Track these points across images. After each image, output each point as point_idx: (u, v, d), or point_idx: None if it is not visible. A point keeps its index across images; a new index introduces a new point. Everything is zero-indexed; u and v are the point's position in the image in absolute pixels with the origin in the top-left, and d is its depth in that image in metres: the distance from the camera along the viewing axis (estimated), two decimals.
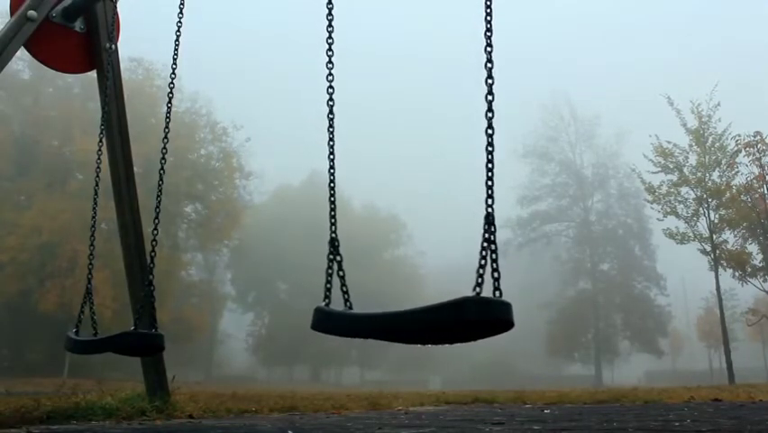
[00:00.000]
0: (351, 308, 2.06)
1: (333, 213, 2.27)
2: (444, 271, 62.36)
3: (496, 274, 1.72)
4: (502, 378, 40.57)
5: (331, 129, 2.38)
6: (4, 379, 20.37)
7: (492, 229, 1.75)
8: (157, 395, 4.21)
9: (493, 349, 48.76)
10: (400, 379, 46.61)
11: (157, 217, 3.41)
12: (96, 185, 3.91)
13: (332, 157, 2.35)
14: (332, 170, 2.34)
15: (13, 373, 26.27)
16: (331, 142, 2.36)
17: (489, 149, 1.87)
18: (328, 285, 2.12)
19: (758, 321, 27.07)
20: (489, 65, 1.91)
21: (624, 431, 2.85)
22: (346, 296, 2.10)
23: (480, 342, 1.89)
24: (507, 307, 1.66)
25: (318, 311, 2.07)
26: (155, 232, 3.34)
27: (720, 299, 22.95)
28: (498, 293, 1.70)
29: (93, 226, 3.75)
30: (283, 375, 56.12)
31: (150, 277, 3.41)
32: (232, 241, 42.13)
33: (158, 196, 3.45)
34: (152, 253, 3.39)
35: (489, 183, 1.84)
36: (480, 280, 1.69)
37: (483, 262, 1.70)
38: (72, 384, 5.61)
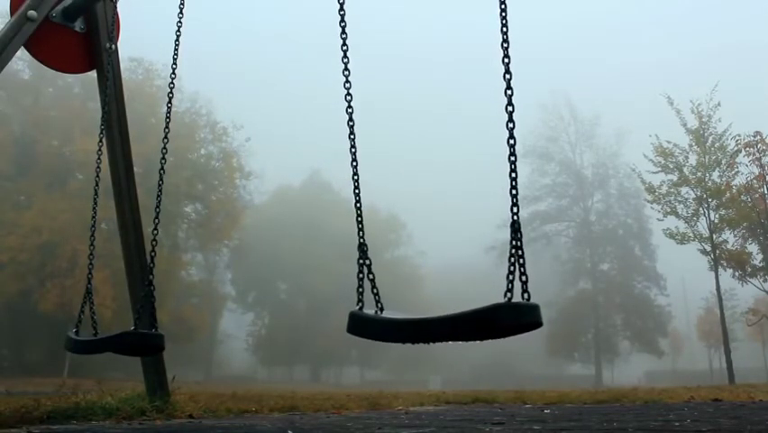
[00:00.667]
0: (382, 309, 2.12)
1: (359, 219, 2.33)
2: (445, 272, 62.44)
3: (524, 278, 1.81)
4: (502, 378, 40.59)
5: (352, 136, 2.39)
6: (4, 379, 20.39)
7: (519, 236, 1.84)
8: (157, 395, 4.21)
9: (493, 349, 48.77)
10: (400, 379, 46.61)
11: (157, 217, 3.41)
12: (96, 185, 3.91)
13: (355, 164, 2.37)
14: (356, 177, 2.37)
15: (13, 373, 26.31)
16: (353, 149, 2.37)
17: (512, 159, 1.95)
18: (360, 289, 2.17)
19: (758, 321, 27.07)
20: (507, 75, 1.98)
21: (624, 431, 2.85)
22: (377, 298, 2.15)
23: (480, 342, 1.93)
24: (536, 309, 1.79)
25: (353, 316, 2.13)
26: (155, 232, 3.35)
27: (720, 299, 22.95)
28: (526, 296, 1.81)
29: (93, 226, 3.75)
30: (283, 375, 56.13)
31: (150, 277, 3.41)
32: (232, 241, 42.13)
33: (158, 196, 3.45)
34: (152, 253, 3.39)
35: (514, 192, 1.92)
36: (510, 285, 1.79)
37: (512, 268, 1.80)
38: (72, 384, 5.61)
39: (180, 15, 3.67)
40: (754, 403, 5.72)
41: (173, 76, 3.65)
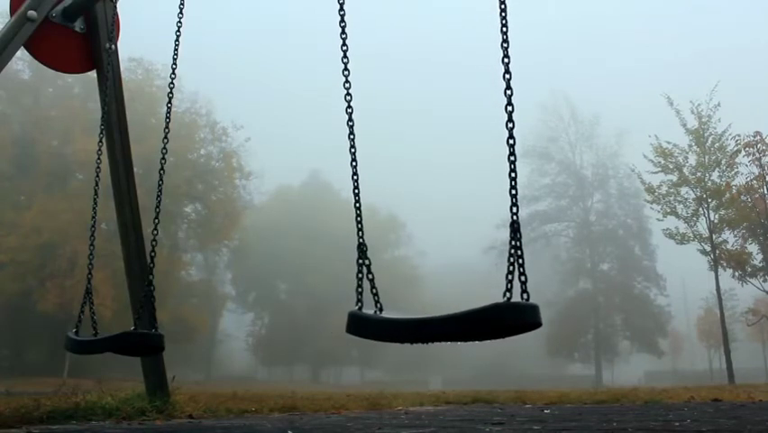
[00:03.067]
0: (381, 309, 2.11)
1: (359, 219, 2.33)
2: (444, 272, 62.41)
3: (523, 278, 1.80)
4: (502, 378, 40.60)
5: (352, 136, 2.39)
6: (4, 379, 20.40)
7: (518, 236, 1.84)
8: (157, 395, 4.21)
9: (493, 349, 48.76)
10: (400, 379, 46.61)
11: (157, 217, 3.41)
12: (96, 185, 3.91)
13: (354, 164, 2.37)
14: (355, 177, 2.36)
15: (13, 373, 26.32)
16: (353, 149, 2.37)
17: (512, 159, 1.94)
18: (359, 289, 2.16)
19: (758, 321, 27.10)
20: (507, 75, 1.98)
21: (624, 431, 2.85)
22: (376, 298, 2.15)
23: (480, 342, 1.93)
24: (535, 309, 1.78)
25: (352, 316, 2.13)
26: (155, 232, 3.35)
27: (720, 300, 22.95)
28: (525, 296, 1.80)
29: (93, 226, 3.75)
30: (283, 375, 56.10)
31: (150, 277, 3.41)
32: (232, 241, 42.13)
33: (158, 196, 3.45)
34: (152, 253, 3.39)
35: (513, 192, 1.91)
36: (509, 285, 1.79)
37: (512, 268, 1.80)
38: (72, 384, 5.61)
39: (180, 15, 3.68)
40: (754, 403, 5.72)
41: (173, 76, 3.65)
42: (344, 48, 2.46)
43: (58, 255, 29.09)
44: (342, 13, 2.48)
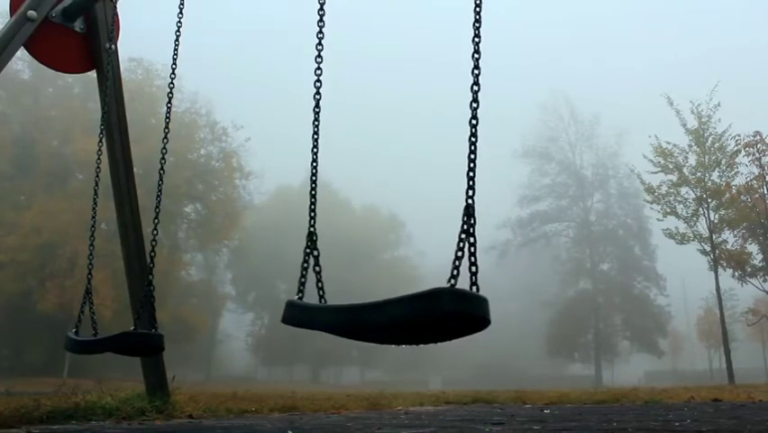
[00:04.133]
0: (325, 303, 2.00)
1: (312, 207, 2.25)
2: (445, 272, 62.12)
3: (474, 268, 1.65)
4: (502, 378, 40.57)
5: (316, 123, 2.37)
6: (4, 379, 20.39)
7: (472, 221, 1.70)
8: (157, 395, 4.21)
9: (493, 349, 48.79)
10: (400, 379, 46.61)
11: (157, 217, 3.41)
12: (96, 185, 3.91)
13: (315, 150, 2.35)
14: (314, 164, 2.33)
15: (13, 373, 26.30)
16: (315, 136, 2.35)
17: (473, 139, 1.84)
18: (303, 279, 2.09)
19: (758, 321, 27.09)
20: (476, 55, 1.88)
21: (624, 431, 2.85)
22: (321, 292, 2.06)
23: (480, 342, 1.89)
24: (483, 302, 1.59)
25: (289, 305, 2.02)
26: (155, 232, 3.35)
27: (720, 300, 22.94)
28: (474, 288, 1.62)
29: (93, 226, 3.75)
30: (283, 375, 56.10)
31: (150, 277, 3.41)
32: (232, 241, 42.12)
33: (158, 196, 3.45)
34: (152, 253, 3.40)
35: (471, 174, 1.80)
36: (455, 271, 1.63)
37: (460, 253, 1.65)
38: (72, 384, 5.61)
39: (180, 15, 3.68)
40: (754, 403, 5.73)
41: (173, 76, 3.66)
42: (320, 35, 2.43)
43: (58, 255, 29.09)
44: (321, 13, 2.46)
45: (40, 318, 29.30)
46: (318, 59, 2.40)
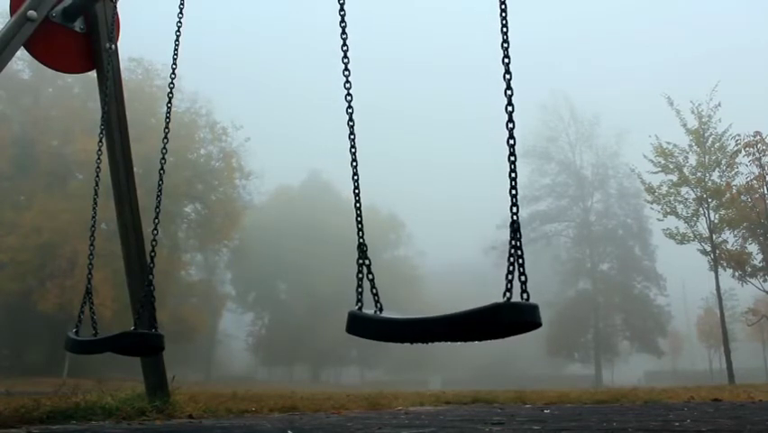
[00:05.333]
0: (381, 309, 2.12)
1: (359, 219, 2.33)
2: (445, 272, 62.40)
3: (523, 278, 1.81)
4: (502, 378, 40.57)
5: (352, 136, 2.39)
6: (4, 379, 20.37)
7: (518, 236, 1.84)
8: (157, 395, 4.21)
9: (493, 349, 48.75)
10: (400, 379, 46.62)
11: (157, 217, 3.41)
12: (96, 185, 3.91)
13: (355, 164, 2.37)
14: (355, 177, 2.36)
15: (13, 373, 26.27)
16: (353, 149, 2.37)
17: (512, 159, 1.95)
18: (360, 289, 2.17)
19: (758, 321, 27.09)
20: (507, 77, 1.99)
21: (624, 431, 2.85)
22: (376, 298, 2.15)
23: (480, 342, 1.94)
24: (535, 309, 1.78)
25: (352, 316, 2.14)
26: (155, 232, 3.35)
27: (720, 299, 22.95)
28: (525, 296, 1.80)
29: (93, 226, 3.75)
30: (283, 375, 56.12)
31: (150, 277, 3.41)
32: (231, 241, 42.12)
33: (158, 196, 3.45)
34: (152, 253, 3.39)
35: (513, 192, 1.92)
36: (509, 285, 1.80)
37: (512, 268, 1.80)
38: (72, 384, 5.60)
39: (180, 15, 3.68)
40: (753, 403, 5.72)
41: (173, 76, 3.66)
42: (345, 48, 2.47)
43: (58, 255, 29.09)
44: (342, 13, 2.48)
45: (40, 318, 29.30)
46: (346, 72, 2.44)
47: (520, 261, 1.82)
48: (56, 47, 4.27)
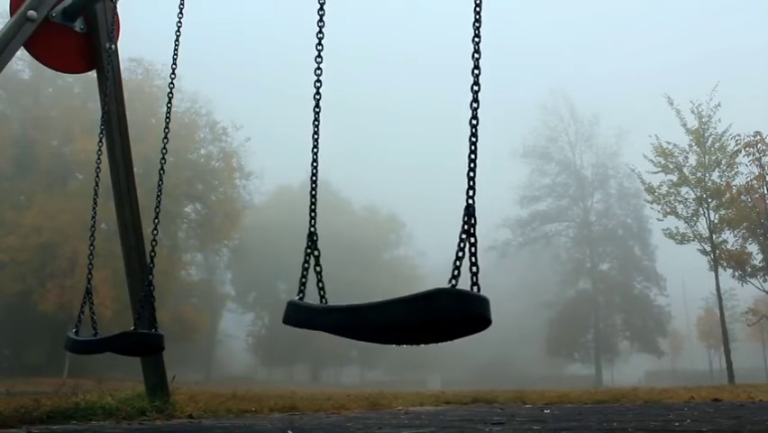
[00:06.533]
0: (326, 304, 2.00)
1: (313, 207, 2.24)
2: (444, 272, 62.19)
3: (474, 268, 1.64)
4: (502, 378, 40.55)
5: (316, 123, 2.37)
6: (4, 379, 20.37)
7: (472, 221, 1.69)
8: (157, 395, 4.21)
9: (493, 349, 48.78)
10: (400, 379, 46.62)
11: (157, 217, 3.41)
12: (96, 185, 3.91)
13: (315, 150, 2.34)
14: (314, 164, 2.32)
15: (13, 373, 26.27)
16: (315, 136, 2.35)
17: (473, 139, 1.82)
18: (303, 279, 2.08)
19: (758, 321, 27.06)
20: (476, 55, 1.86)
21: (624, 431, 2.85)
22: (322, 292, 2.06)
23: (480, 341, 1.89)
24: (484, 302, 1.57)
25: (290, 305, 2.02)
26: (155, 232, 3.35)
27: (720, 299, 22.95)
28: (476, 288, 1.62)
29: (93, 226, 3.75)
30: (283, 375, 56.10)
31: (150, 277, 3.41)
32: (231, 241, 42.13)
33: (158, 196, 3.45)
34: (152, 253, 3.40)
35: (471, 174, 1.79)
36: (456, 272, 1.63)
37: (461, 253, 1.64)
38: (72, 384, 5.61)
39: (180, 15, 3.68)
40: (753, 403, 5.73)
41: (173, 76, 3.66)
42: (320, 35, 2.43)
43: (58, 255, 29.08)
44: (321, 13, 2.45)
45: (40, 318, 29.28)
46: (318, 59, 2.39)
47: (473, 248, 1.64)
48: (56, 47, 4.27)
